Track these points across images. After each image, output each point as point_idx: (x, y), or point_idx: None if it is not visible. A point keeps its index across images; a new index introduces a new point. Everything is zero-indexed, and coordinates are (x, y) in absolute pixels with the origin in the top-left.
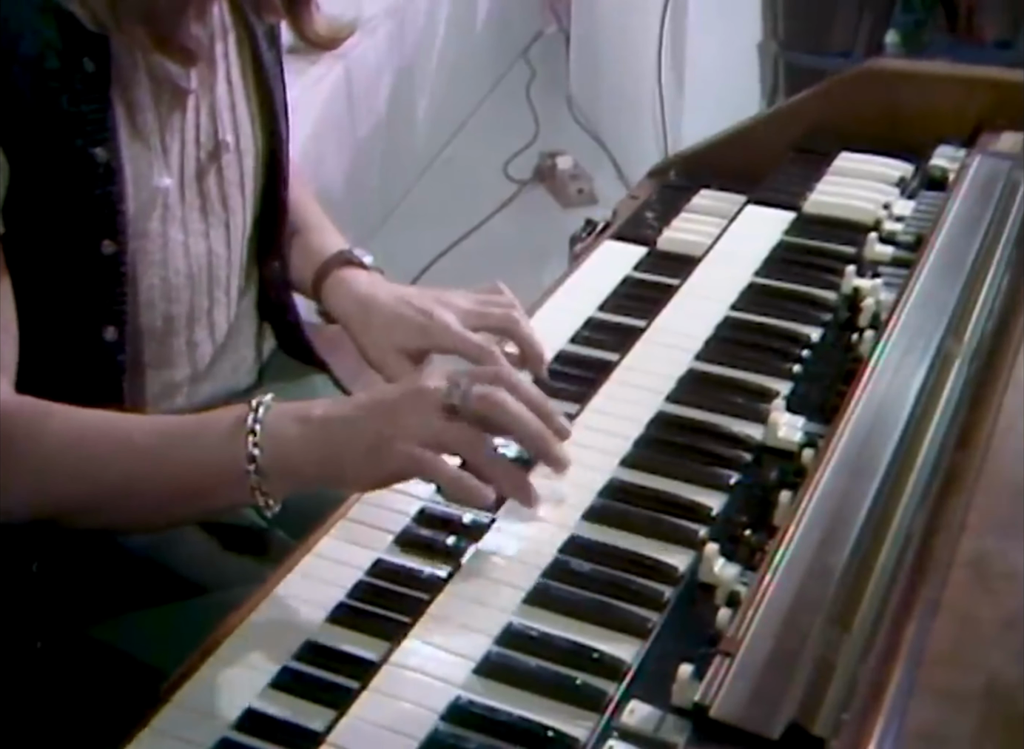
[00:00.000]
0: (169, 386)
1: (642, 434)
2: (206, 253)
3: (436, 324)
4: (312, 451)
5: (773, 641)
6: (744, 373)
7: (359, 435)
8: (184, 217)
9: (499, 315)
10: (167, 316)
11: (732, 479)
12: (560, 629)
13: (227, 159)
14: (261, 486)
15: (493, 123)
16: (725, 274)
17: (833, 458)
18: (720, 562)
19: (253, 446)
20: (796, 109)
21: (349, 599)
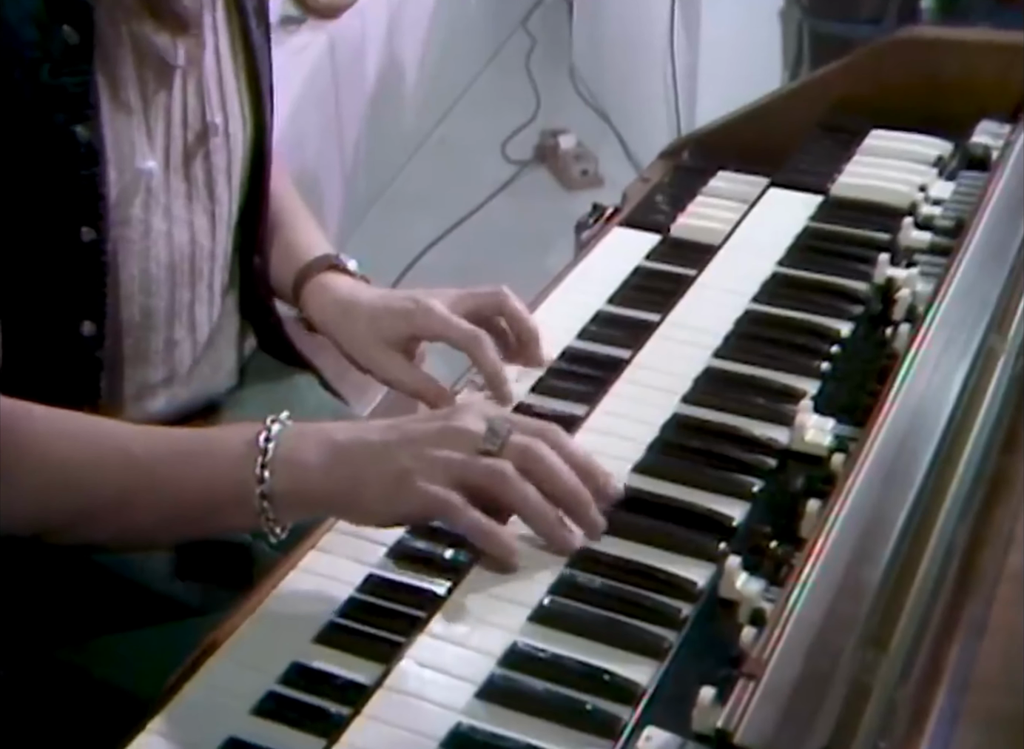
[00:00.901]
0: (145, 386)
1: (656, 438)
2: (189, 243)
3: (420, 307)
4: (330, 481)
5: (802, 662)
6: (767, 371)
7: (383, 467)
8: (168, 204)
9: (485, 293)
10: (146, 310)
11: (755, 487)
12: (569, 649)
13: (215, 143)
14: (268, 512)
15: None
16: (746, 264)
17: (866, 464)
18: (743, 577)
19: (262, 468)
20: (822, 82)
21: (339, 617)
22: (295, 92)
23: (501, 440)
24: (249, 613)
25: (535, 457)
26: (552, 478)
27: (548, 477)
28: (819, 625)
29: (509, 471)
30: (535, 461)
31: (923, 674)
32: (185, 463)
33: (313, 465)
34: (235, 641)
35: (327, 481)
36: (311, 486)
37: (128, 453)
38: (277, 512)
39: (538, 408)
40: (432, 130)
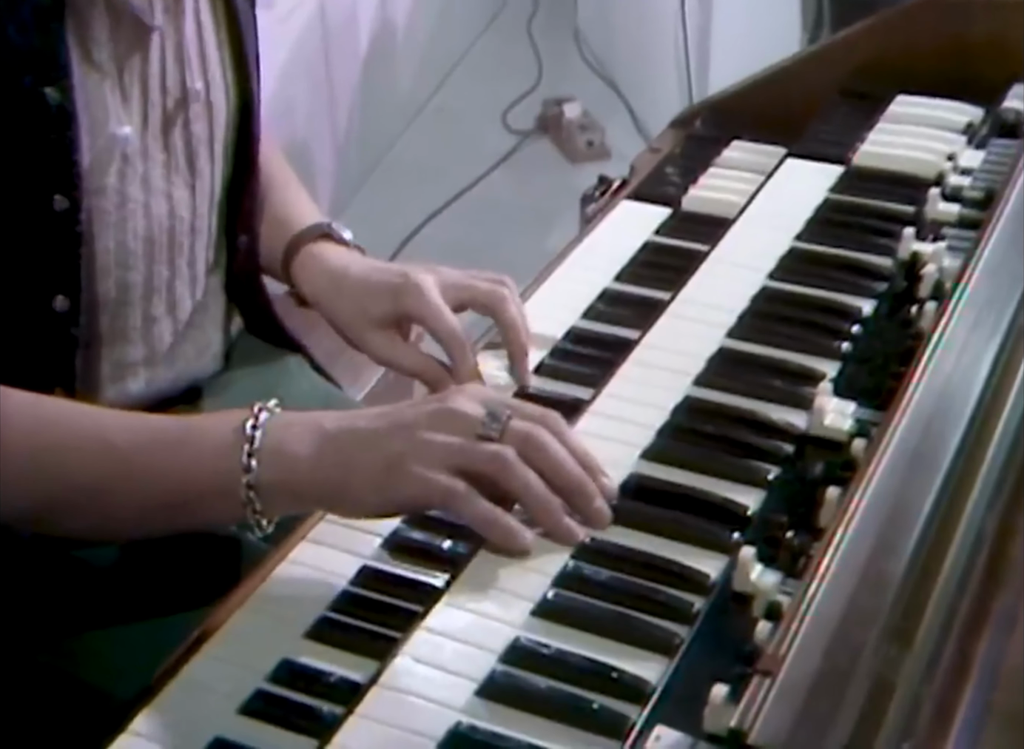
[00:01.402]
0: (123, 365)
1: (666, 423)
2: (168, 216)
3: (408, 285)
4: (319, 471)
5: (820, 659)
6: (784, 352)
7: (375, 456)
8: (145, 174)
9: (485, 290)
10: (122, 285)
11: (771, 474)
12: (574, 645)
13: (195, 110)
14: (255, 504)
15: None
16: (761, 238)
17: (889, 449)
18: (758, 569)
19: (249, 457)
20: (844, 45)
21: (331, 612)
22: (283, 58)
23: (501, 425)
24: (236, 608)
25: (538, 444)
26: (556, 466)
27: (551, 465)
28: (839, 619)
29: (511, 457)
30: (538, 448)
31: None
32: (167, 451)
33: (302, 455)
34: (221, 637)
35: (316, 471)
36: (300, 476)
37: (106, 440)
38: (264, 504)
39: (541, 391)
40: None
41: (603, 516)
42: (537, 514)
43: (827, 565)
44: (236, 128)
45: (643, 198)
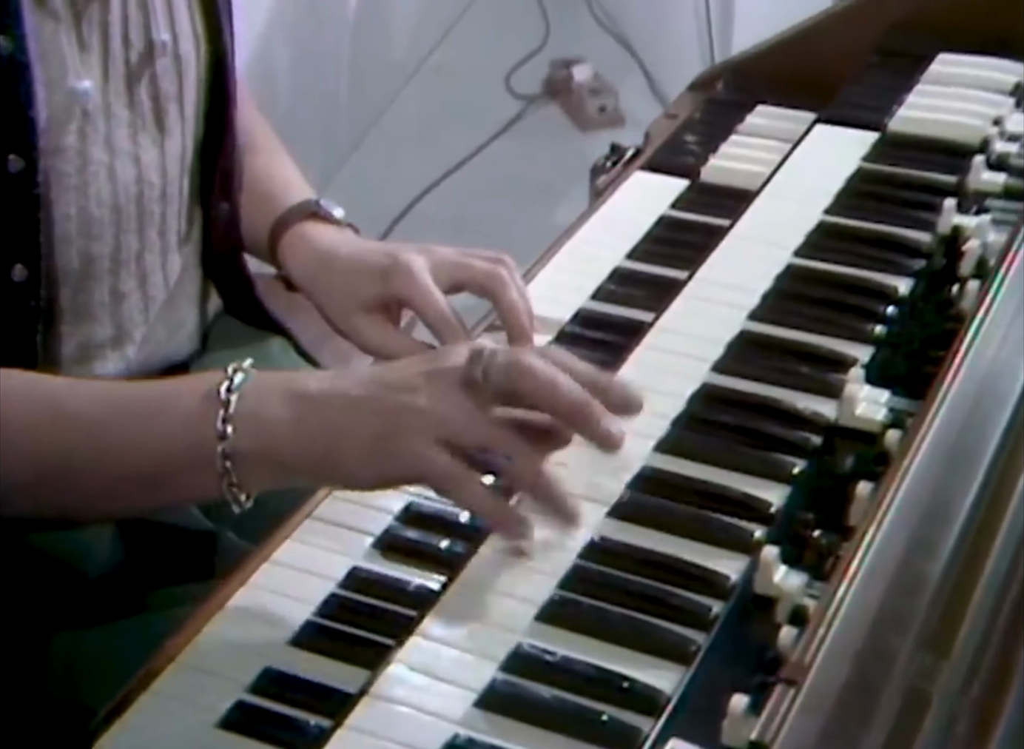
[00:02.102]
0: (88, 347)
1: (682, 412)
2: (135, 181)
3: (398, 266)
4: (302, 437)
5: (849, 667)
6: (812, 336)
7: (362, 422)
8: (109, 133)
9: (481, 269)
10: (86, 256)
11: (796, 468)
12: (582, 652)
13: (162, 65)
14: (231, 475)
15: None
16: (788, 212)
17: (925, 441)
18: (781, 570)
19: (224, 423)
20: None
21: (318, 617)
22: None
23: (485, 363)
24: (214, 612)
25: (523, 369)
26: (549, 390)
27: (541, 390)
28: (870, 625)
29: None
30: (524, 374)
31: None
32: (134, 419)
33: (282, 419)
34: (198, 645)
35: (298, 437)
36: (280, 443)
37: (68, 411)
38: (241, 474)
39: None
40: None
41: (612, 438)
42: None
43: (857, 566)
44: (208, 85)
45: (659, 168)
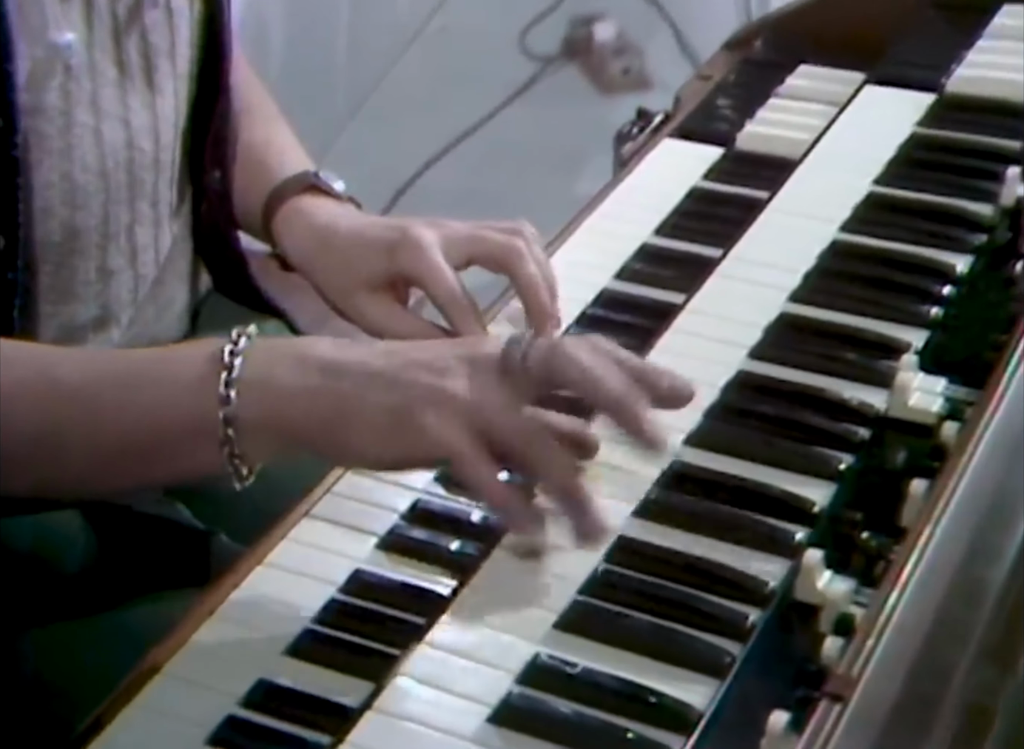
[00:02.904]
0: (73, 327)
1: (716, 402)
2: (125, 146)
3: (406, 240)
4: (313, 404)
5: (902, 681)
6: (860, 319)
7: (382, 394)
8: (94, 93)
9: (497, 241)
10: (70, 228)
11: (842, 464)
12: (605, 663)
13: (152, 18)
14: (234, 443)
15: None
16: (833, 183)
17: (986, 434)
18: (826, 575)
19: (227, 387)
20: None
21: (317, 624)
22: None
23: (523, 349)
24: (204, 618)
25: (567, 359)
26: (591, 382)
27: (585, 380)
28: (924, 635)
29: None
30: (568, 365)
31: None
32: (126, 386)
33: (291, 385)
34: (186, 653)
35: (308, 406)
36: (288, 410)
37: (52, 377)
38: (244, 444)
39: None
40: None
41: (657, 437)
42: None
43: (910, 571)
44: (202, 40)
45: (690, 136)
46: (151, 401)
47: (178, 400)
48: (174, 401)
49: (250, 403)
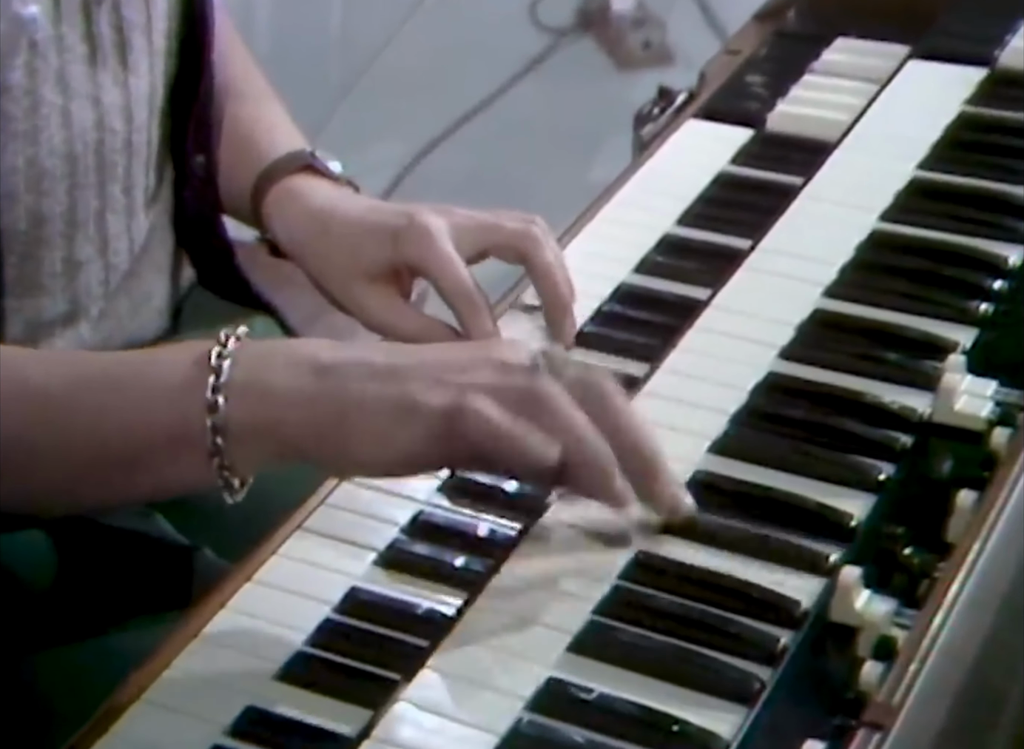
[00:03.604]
0: (36, 325)
1: (743, 407)
2: (95, 127)
3: (412, 228)
4: (308, 410)
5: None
6: (902, 316)
7: (384, 392)
8: (62, 70)
9: (510, 230)
10: (35, 216)
11: (883, 473)
12: (623, 689)
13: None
14: (223, 454)
15: None
16: (873, 167)
17: None
18: (865, 595)
19: (215, 393)
20: None
21: (310, 647)
22: None
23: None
24: (188, 640)
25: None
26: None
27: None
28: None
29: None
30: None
31: None
32: (107, 391)
33: (285, 389)
34: (168, 678)
35: (304, 411)
36: (282, 414)
37: (24, 380)
38: (234, 454)
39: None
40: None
41: (679, 503)
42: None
43: (957, 590)
44: (182, 13)
45: (716, 116)
46: (132, 407)
47: (161, 406)
48: (157, 407)
49: (240, 409)
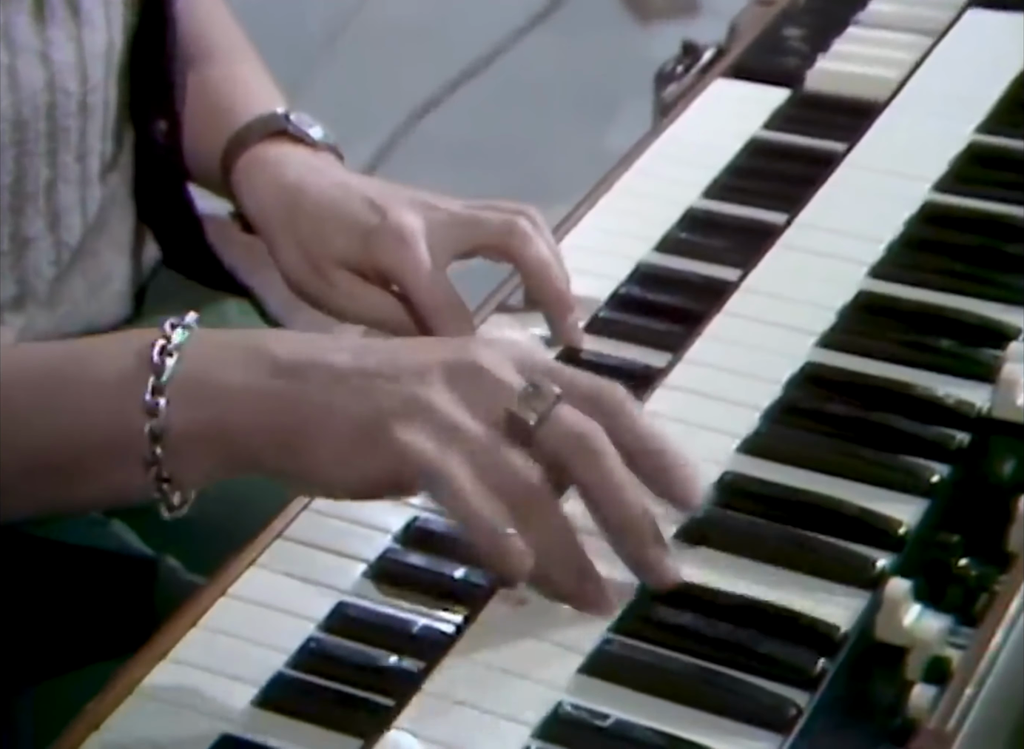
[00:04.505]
0: None
1: (778, 401)
2: (46, 88)
3: (385, 229)
4: (262, 413)
5: (1007, 738)
6: (957, 298)
7: (350, 402)
8: (6, 24)
9: (496, 222)
10: None
11: (935, 476)
12: (642, 716)
13: None
14: (162, 465)
15: None
16: (925, 132)
17: None
18: (915, 610)
19: (155, 394)
20: None
21: (291, 669)
22: None
23: (546, 408)
24: (154, 662)
25: (590, 450)
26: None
27: (600, 483)
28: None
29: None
30: (586, 456)
31: None
32: (43, 388)
33: (236, 388)
34: (132, 706)
35: (257, 413)
36: (232, 417)
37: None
38: (175, 464)
39: (595, 357)
40: None
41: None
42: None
43: (1018, 606)
44: None
45: (748, 74)
46: (67, 407)
47: (97, 408)
48: (93, 409)
49: (184, 414)
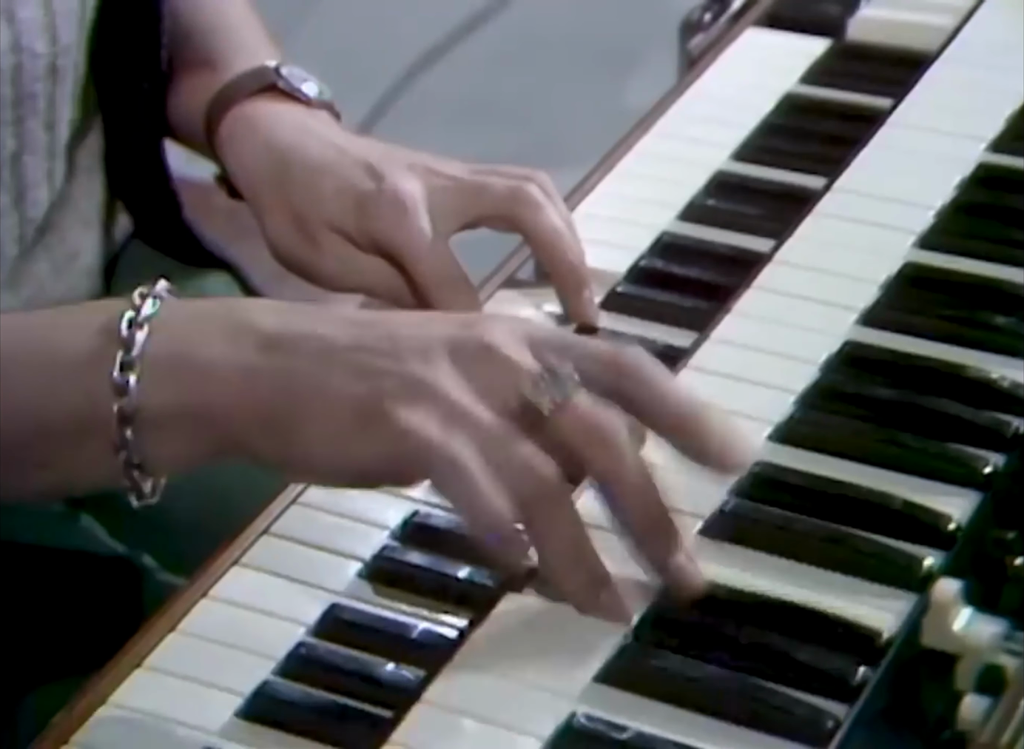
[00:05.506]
0: None
1: (814, 384)
2: (11, 50)
3: (382, 198)
4: (248, 391)
5: None
6: (1013, 271)
7: (345, 381)
8: None
9: (503, 188)
10: None
11: (989, 465)
12: (663, 728)
13: None
14: (131, 449)
15: None
16: (980, 86)
17: None
18: (965, 614)
19: (123, 370)
20: None
21: (280, 677)
22: None
23: (563, 395)
24: (128, 671)
25: (607, 443)
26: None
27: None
28: None
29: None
30: (605, 449)
31: None
32: (8, 363)
33: (218, 364)
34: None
35: (243, 392)
36: (211, 400)
37: None
38: (146, 448)
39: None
40: None
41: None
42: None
43: None
44: None
45: (782, 23)
46: (28, 384)
47: (62, 385)
48: (57, 386)
49: (157, 392)
